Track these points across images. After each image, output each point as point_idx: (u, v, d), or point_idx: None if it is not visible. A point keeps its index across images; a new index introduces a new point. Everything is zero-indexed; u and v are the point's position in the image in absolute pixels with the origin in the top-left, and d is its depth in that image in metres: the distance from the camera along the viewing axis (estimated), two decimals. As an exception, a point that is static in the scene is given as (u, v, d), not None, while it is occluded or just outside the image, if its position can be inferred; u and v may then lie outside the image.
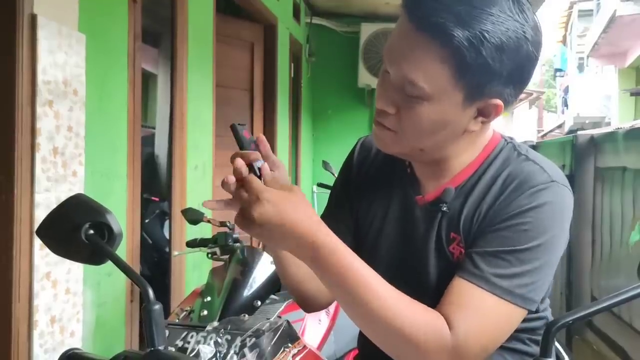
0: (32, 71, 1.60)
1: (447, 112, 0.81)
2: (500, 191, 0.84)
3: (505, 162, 0.88)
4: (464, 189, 0.89)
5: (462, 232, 0.87)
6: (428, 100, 0.80)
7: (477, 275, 0.79)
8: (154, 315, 0.71)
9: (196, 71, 2.90)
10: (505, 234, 0.80)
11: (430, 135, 0.84)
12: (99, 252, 0.79)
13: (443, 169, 0.91)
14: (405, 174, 0.96)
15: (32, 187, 1.62)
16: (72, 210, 0.81)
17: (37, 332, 1.65)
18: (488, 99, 0.82)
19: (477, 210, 0.86)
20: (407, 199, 0.95)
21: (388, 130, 0.85)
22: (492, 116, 0.85)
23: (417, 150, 0.87)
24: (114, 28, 2.10)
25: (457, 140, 0.88)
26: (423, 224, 0.92)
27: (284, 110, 4.66)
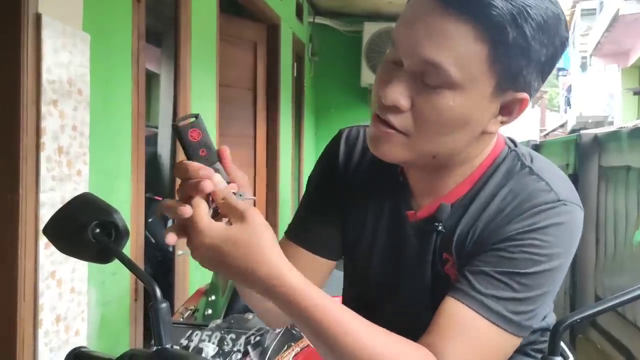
0: (36, 70, 1.61)
1: (473, 105, 0.70)
2: (498, 209, 0.74)
3: (507, 176, 0.77)
4: (460, 205, 0.78)
5: (454, 252, 0.77)
6: (453, 90, 0.68)
7: (470, 296, 0.70)
8: (161, 314, 0.71)
9: (199, 70, 2.90)
10: (505, 255, 0.71)
11: (448, 135, 0.72)
12: (105, 251, 0.79)
13: (442, 180, 0.79)
14: (397, 182, 0.84)
15: (37, 187, 1.63)
16: (78, 209, 0.81)
17: (42, 331, 1.65)
18: (515, 92, 0.71)
19: (472, 229, 0.76)
20: (397, 211, 0.83)
21: (397, 132, 0.71)
22: (514, 114, 0.74)
23: (429, 157, 0.74)
24: (118, 28, 2.11)
25: (471, 144, 0.76)
26: (416, 242, 0.81)
27: (287, 110, 4.66)
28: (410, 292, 0.82)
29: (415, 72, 0.69)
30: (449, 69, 0.67)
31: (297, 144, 5.14)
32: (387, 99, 0.70)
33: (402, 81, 0.70)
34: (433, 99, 0.69)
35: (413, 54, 0.69)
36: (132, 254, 2.21)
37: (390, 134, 0.72)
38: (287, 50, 4.59)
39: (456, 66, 0.67)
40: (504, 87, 0.71)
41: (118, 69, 2.11)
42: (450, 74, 0.67)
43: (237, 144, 3.97)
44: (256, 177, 4.17)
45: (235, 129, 3.96)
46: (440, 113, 0.69)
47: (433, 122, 0.70)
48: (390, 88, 0.70)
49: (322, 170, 0.92)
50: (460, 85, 0.68)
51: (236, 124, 3.96)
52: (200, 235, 0.65)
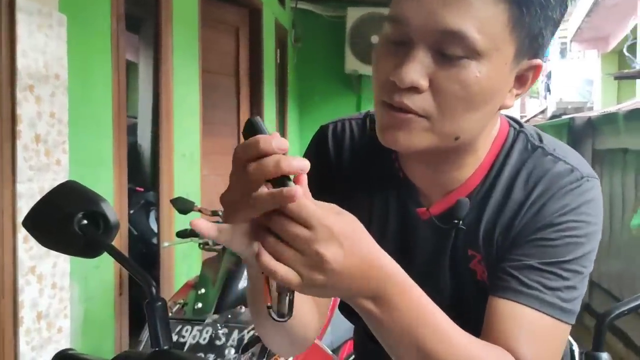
0: (10, 54, 1.51)
1: (497, 75, 0.65)
2: (523, 197, 0.70)
3: (521, 160, 0.73)
4: (477, 197, 0.73)
5: (482, 249, 0.72)
6: (478, 60, 0.62)
7: (526, 294, 0.67)
8: (157, 312, 0.65)
9: (181, 56, 2.80)
10: (547, 244, 0.68)
11: (473, 112, 0.65)
12: (93, 244, 0.72)
13: (449, 173, 0.73)
14: (397, 178, 0.78)
15: (14, 177, 1.54)
16: (62, 198, 0.74)
17: (23, 329, 1.57)
18: (530, 59, 0.67)
19: (498, 222, 0.71)
20: (405, 211, 0.77)
21: (417, 116, 0.64)
22: (527, 85, 0.69)
23: (452, 139, 0.67)
24: (96, 9, 2.00)
25: (489, 123, 0.70)
26: (431, 242, 0.76)
27: (271, 97, 4.58)
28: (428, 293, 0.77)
29: (432, 46, 0.63)
30: (474, 36, 0.61)
31: (281, 131, 5.06)
32: (404, 81, 0.63)
33: (416, 59, 0.63)
34: (456, 72, 0.63)
35: (429, 26, 0.63)
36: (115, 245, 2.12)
37: (409, 119, 0.65)
38: (269, 36, 4.49)
39: (480, 32, 0.62)
40: (522, 53, 0.66)
41: (97, 53, 2.01)
42: (475, 42, 0.62)
43: (220, 132, 3.88)
44: (241, 165, 4.08)
45: (219, 116, 3.86)
46: (466, 87, 0.63)
47: (458, 98, 0.64)
48: (406, 68, 0.63)
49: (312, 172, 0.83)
50: (485, 53, 0.63)
51: (219, 111, 3.86)
52: (324, 224, 0.51)
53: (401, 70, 0.63)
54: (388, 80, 0.65)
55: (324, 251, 0.51)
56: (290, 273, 0.51)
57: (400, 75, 0.63)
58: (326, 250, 0.51)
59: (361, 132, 0.82)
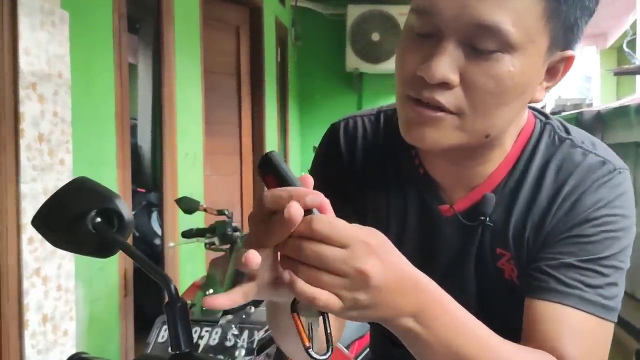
0: (13, 51, 1.48)
1: (531, 69, 0.62)
2: (554, 192, 0.67)
3: (548, 152, 0.70)
4: (504, 192, 0.70)
5: (512, 247, 0.69)
6: (511, 53, 0.60)
7: (566, 294, 0.64)
8: (177, 314, 0.61)
9: (183, 56, 2.77)
10: (584, 240, 0.65)
11: (505, 107, 0.63)
12: (108, 243, 0.68)
13: (474, 168, 0.70)
14: (417, 174, 0.74)
15: (18, 177, 1.51)
16: (74, 196, 0.71)
17: (28, 332, 1.54)
18: (563, 50, 0.64)
19: (529, 219, 0.68)
20: (426, 208, 0.74)
21: (448, 113, 0.62)
22: (559, 77, 0.66)
23: (482, 136, 0.64)
24: (98, 6, 1.97)
25: (517, 117, 0.68)
26: (456, 240, 0.73)
27: (272, 96, 4.54)
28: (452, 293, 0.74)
29: (463, 39, 0.60)
30: (508, 29, 0.58)
31: (282, 131, 5.03)
32: (434, 76, 0.60)
33: (446, 53, 0.60)
34: (488, 66, 0.60)
35: (461, 19, 0.59)
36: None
37: (438, 117, 0.62)
38: (270, 35, 4.46)
39: (515, 25, 0.59)
40: (556, 44, 0.63)
41: (99, 51, 1.98)
42: (510, 36, 0.59)
43: (222, 132, 3.85)
44: (242, 164, 4.06)
45: (220, 116, 3.83)
46: (499, 82, 0.60)
47: (490, 94, 0.61)
48: (436, 62, 0.60)
49: (325, 172, 0.79)
50: (519, 47, 0.60)
51: (221, 111, 3.83)
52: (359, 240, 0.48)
53: (431, 65, 0.60)
54: (415, 75, 0.62)
55: (365, 267, 0.48)
56: (332, 297, 0.48)
57: (430, 70, 0.60)
58: (367, 265, 0.48)
59: (375, 128, 0.80)
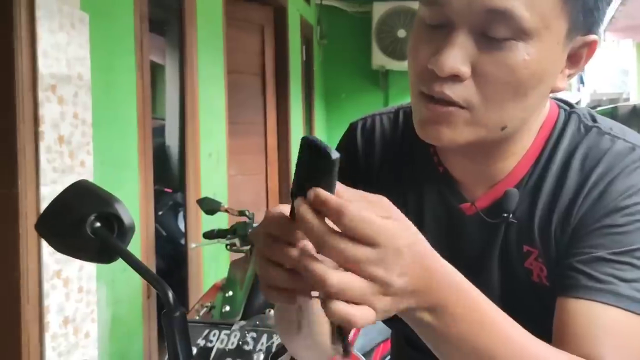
0: (31, 53, 1.48)
1: (548, 56, 0.58)
2: (580, 181, 0.63)
3: (574, 141, 0.66)
4: (527, 186, 0.67)
5: (539, 243, 0.65)
6: (526, 40, 0.56)
7: (599, 290, 0.59)
8: (175, 324, 0.59)
9: (206, 57, 2.77)
10: (616, 230, 0.60)
11: (522, 98, 0.59)
12: (108, 248, 0.66)
13: (495, 164, 0.67)
14: (436, 173, 0.72)
15: (37, 179, 1.51)
16: (74, 199, 0.69)
17: (49, 335, 1.54)
18: (584, 35, 0.61)
19: (554, 211, 0.64)
20: (445, 207, 0.71)
21: (459, 107, 0.59)
22: (581, 63, 0.63)
23: (499, 130, 0.61)
24: (119, 7, 1.97)
25: (538, 108, 0.64)
26: (479, 239, 0.69)
27: (297, 95, 4.52)
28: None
29: (474, 28, 0.57)
30: (522, 14, 0.55)
31: (308, 130, 5.01)
32: (443, 69, 0.57)
33: (457, 44, 0.57)
34: (501, 55, 0.57)
35: (472, 6, 0.57)
36: (142, 248, 2.09)
37: (450, 112, 0.59)
38: (295, 34, 4.44)
39: (529, 10, 0.55)
40: (577, 29, 0.60)
41: (120, 52, 1.98)
42: (523, 21, 0.55)
43: (247, 131, 3.85)
44: (267, 164, 4.05)
45: (245, 116, 3.83)
46: (513, 71, 0.57)
47: (504, 85, 0.58)
48: (445, 54, 0.57)
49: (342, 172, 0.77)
50: (535, 33, 0.56)
51: (246, 110, 3.83)
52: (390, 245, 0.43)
53: (440, 57, 0.57)
54: (426, 69, 0.59)
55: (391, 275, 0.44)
56: (366, 312, 0.44)
57: (439, 63, 0.57)
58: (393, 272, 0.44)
59: (393, 126, 0.77)
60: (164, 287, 0.60)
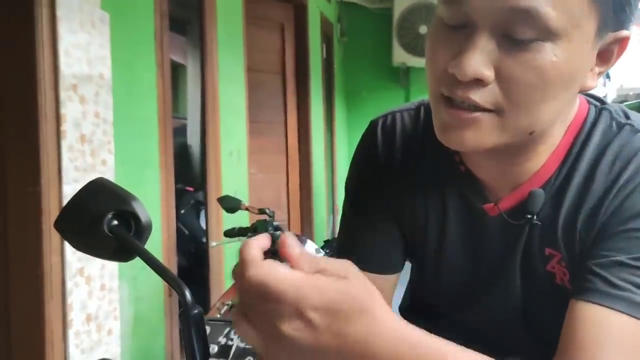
0: (53, 53, 1.49)
1: (577, 56, 0.55)
2: (609, 181, 0.60)
3: (604, 140, 0.63)
4: (553, 187, 0.64)
5: (563, 246, 0.63)
6: (553, 41, 0.53)
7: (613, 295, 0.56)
8: (193, 322, 0.58)
9: (226, 55, 2.77)
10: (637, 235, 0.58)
11: (550, 100, 0.56)
12: (125, 247, 0.66)
13: (520, 165, 0.64)
14: (458, 172, 0.70)
15: (60, 178, 1.52)
16: (92, 197, 0.68)
17: (72, 332, 1.55)
18: (615, 31, 0.58)
19: (580, 213, 0.62)
20: (468, 208, 0.70)
21: (485, 111, 0.56)
22: (612, 61, 0.60)
23: (526, 134, 0.59)
24: (139, 6, 1.98)
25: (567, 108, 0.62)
26: (501, 241, 0.68)
27: (317, 93, 4.51)
28: (496, 298, 0.68)
29: (497, 29, 0.54)
30: (549, 13, 0.52)
31: (329, 128, 4.99)
32: (466, 73, 0.54)
33: (479, 46, 0.55)
34: (528, 58, 0.54)
35: (494, 5, 0.54)
36: (164, 246, 2.10)
37: (476, 118, 0.56)
38: (315, 31, 4.43)
39: (556, 8, 0.52)
40: (607, 26, 0.57)
41: (141, 51, 1.98)
42: (550, 21, 0.52)
43: (267, 130, 3.85)
44: (288, 163, 4.04)
45: (266, 115, 3.83)
46: (541, 74, 0.54)
47: (532, 88, 0.55)
48: (466, 58, 0.54)
49: (362, 172, 0.77)
50: (562, 32, 0.54)
51: (266, 109, 3.83)
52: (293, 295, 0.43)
53: (462, 61, 0.54)
54: (446, 73, 0.56)
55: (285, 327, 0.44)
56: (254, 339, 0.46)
57: (461, 67, 0.54)
58: (288, 327, 0.43)
59: (414, 124, 0.75)
60: (181, 286, 0.59)
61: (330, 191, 4.95)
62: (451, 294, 0.74)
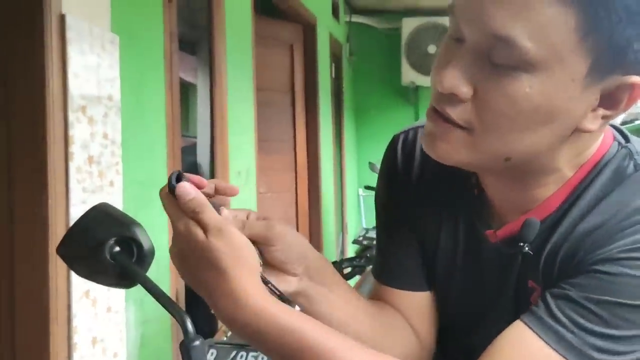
0: (62, 75, 1.50)
1: (558, 93, 0.53)
2: (599, 221, 0.58)
3: (614, 179, 0.60)
4: (552, 220, 0.62)
5: (542, 280, 0.61)
6: (531, 72, 0.52)
7: (545, 323, 0.54)
8: (193, 354, 0.56)
9: (235, 75, 2.79)
10: (604, 277, 0.55)
11: (525, 132, 0.55)
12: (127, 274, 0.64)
13: (528, 192, 0.63)
14: (471, 194, 0.69)
15: (67, 200, 1.52)
16: (94, 223, 0.67)
17: (77, 355, 1.54)
18: (623, 75, 0.54)
19: (561, 249, 0.60)
20: (473, 231, 0.69)
21: (457, 127, 0.57)
22: (622, 106, 0.56)
23: (500, 159, 0.58)
24: (149, 29, 2.00)
25: (560, 146, 0.59)
26: (496, 268, 0.67)
27: (327, 112, 4.52)
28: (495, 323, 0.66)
29: (480, 48, 0.54)
30: (524, 44, 0.51)
31: (338, 147, 4.99)
32: (443, 85, 0.55)
33: (463, 62, 0.55)
34: (503, 83, 0.53)
35: (476, 24, 0.54)
36: (172, 267, 2.09)
37: (447, 129, 0.57)
38: (324, 51, 4.45)
39: (534, 40, 0.51)
40: (606, 67, 0.53)
41: (150, 73, 1.99)
42: (527, 51, 0.52)
43: (276, 148, 3.85)
44: (297, 181, 4.04)
45: (275, 133, 3.84)
46: (512, 103, 0.54)
47: (502, 115, 0.55)
48: (447, 71, 0.55)
49: (385, 188, 0.78)
50: (541, 65, 0.52)
51: (275, 127, 3.84)
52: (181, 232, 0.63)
53: (443, 73, 0.55)
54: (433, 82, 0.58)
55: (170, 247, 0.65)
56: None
57: (441, 79, 0.55)
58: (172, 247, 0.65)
59: None
60: (182, 316, 0.58)
61: (340, 210, 4.94)
62: (458, 318, 0.74)
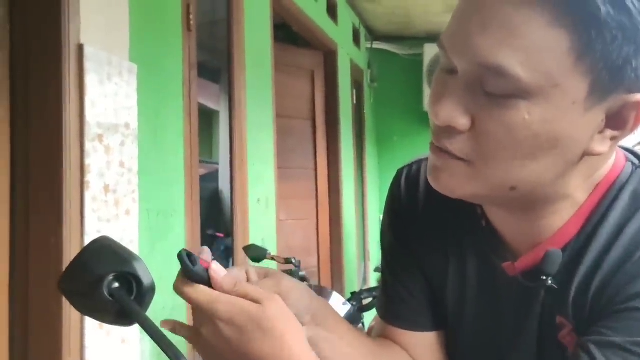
0: (79, 104, 1.50)
1: (560, 118, 0.51)
2: (626, 251, 0.55)
3: (634, 204, 0.57)
4: (573, 250, 0.59)
5: (572, 315, 0.58)
6: (528, 99, 0.50)
7: None
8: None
9: (255, 102, 2.79)
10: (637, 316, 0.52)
11: (528, 160, 0.53)
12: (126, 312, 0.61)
13: (539, 221, 0.60)
14: (479, 227, 0.67)
15: (82, 229, 1.51)
16: (94, 257, 0.65)
17: (90, 388, 1.50)
18: (627, 94, 0.52)
19: (593, 282, 0.57)
20: (487, 265, 0.66)
21: (457, 159, 0.56)
22: (629, 125, 0.53)
23: (506, 189, 0.56)
24: (168, 57, 2.01)
25: (569, 171, 0.56)
26: (517, 303, 0.63)
27: (348, 139, 4.50)
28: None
29: (472, 78, 0.53)
30: (516, 71, 0.50)
31: (359, 174, 4.96)
32: (439, 118, 0.55)
33: (457, 93, 0.54)
34: (500, 112, 0.52)
35: (465, 54, 0.53)
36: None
37: (448, 162, 0.57)
38: (345, 78, 4.45)
39: (526, 66, 0.49)
40: (606, 87, 0.51)
41: (169, 101, 2.00)
42: (519, 78, 0.50)
43: (297, 176, 3.83)
44: (319, 209, 4.00)
45: (295, 161, 3.83)
46: (511, 131, 0.52)
47: (502, 144, 0.53)
48: (442, 104, 0.54)
49: (390, 224, 0.77)
50: (537, 91, 0.50)
51: (296, 155, 3.83)
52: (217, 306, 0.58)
53: (438, 106, 0.54)
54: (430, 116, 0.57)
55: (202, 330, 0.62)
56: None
57: (437, 112, 0.54)
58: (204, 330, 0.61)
59: None
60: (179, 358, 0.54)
61: (362, 237, 4.87)
62: (470, 354, 0.70)
